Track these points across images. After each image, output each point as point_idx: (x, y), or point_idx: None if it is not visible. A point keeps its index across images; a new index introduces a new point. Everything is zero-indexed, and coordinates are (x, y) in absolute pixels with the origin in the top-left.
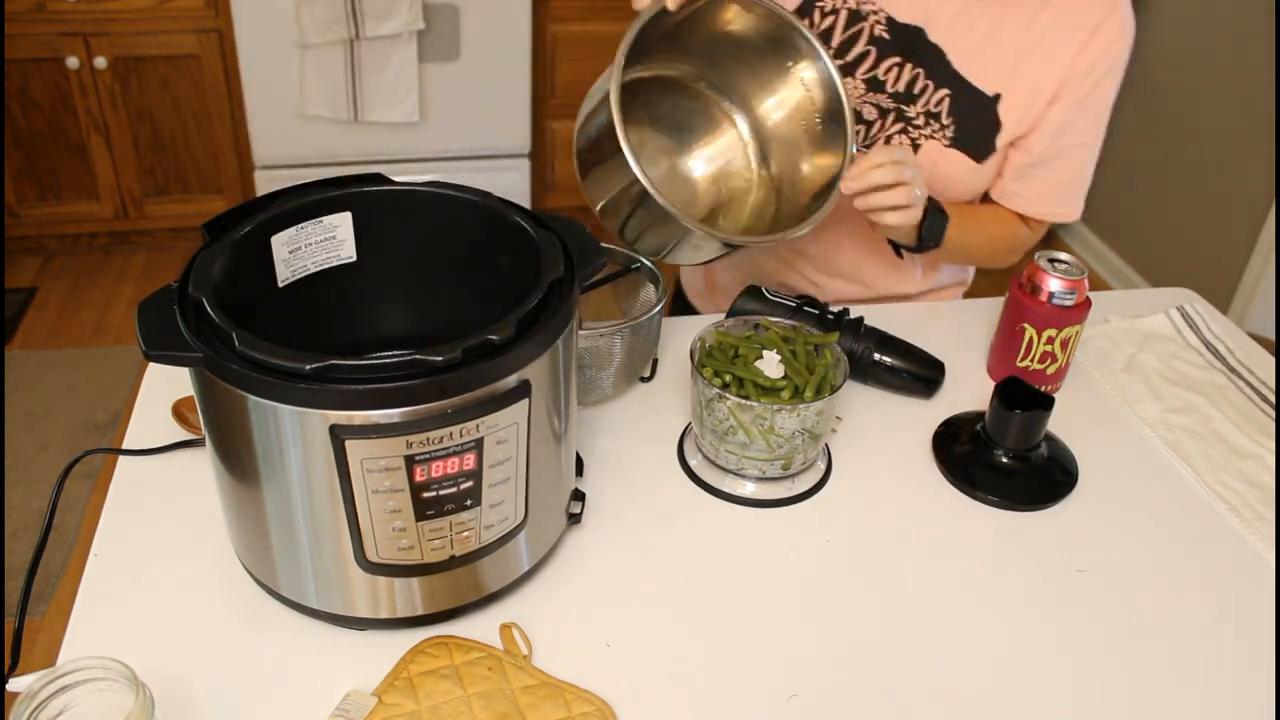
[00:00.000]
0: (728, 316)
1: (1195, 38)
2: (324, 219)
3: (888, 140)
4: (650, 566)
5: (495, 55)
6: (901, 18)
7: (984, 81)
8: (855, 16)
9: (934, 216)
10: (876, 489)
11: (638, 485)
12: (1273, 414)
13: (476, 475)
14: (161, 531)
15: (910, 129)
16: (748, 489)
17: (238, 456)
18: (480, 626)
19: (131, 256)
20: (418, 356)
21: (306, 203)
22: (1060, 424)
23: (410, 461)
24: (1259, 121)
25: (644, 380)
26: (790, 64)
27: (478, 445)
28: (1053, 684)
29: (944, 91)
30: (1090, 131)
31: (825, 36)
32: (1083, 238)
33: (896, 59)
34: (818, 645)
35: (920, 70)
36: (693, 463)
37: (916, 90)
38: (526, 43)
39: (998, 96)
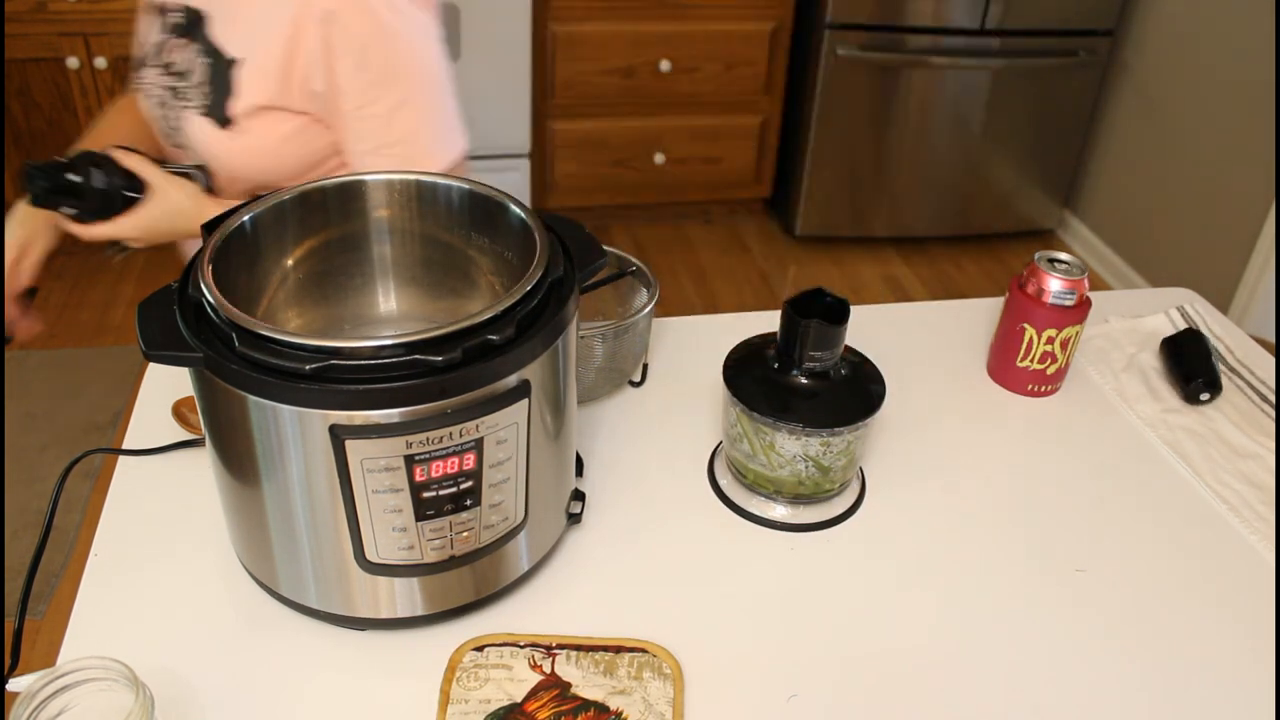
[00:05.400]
0: None
1: (1195, 38)
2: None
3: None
4: (650, 566)
5: (495, 55)
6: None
7: (233, 47)
8: (160, 12)
9: None
10: (875, 488)
11: (637, 485)
12: (1273, 414)
13: (476, 475)
14: (161, 531)
15: (185, 107)
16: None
17: (238, 456)
18: (480, 627)
19: (131, 256)
20: (418, 356)
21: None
22: (1060, 424)
23: (410, 461)
24: (1259, 121)
25: (634, 384)
26: None
27: (478, 445)
28: (1053, 684)
29: (205, 60)
30: (395, 85)
31: (159, 50)
32: (1083, 238)
33: (183, 40)
34: (817, 645)
35: (196, 45)
36: (720, 477)
37: (191, 66)
38: (526, 43)
39: (233, 61)
